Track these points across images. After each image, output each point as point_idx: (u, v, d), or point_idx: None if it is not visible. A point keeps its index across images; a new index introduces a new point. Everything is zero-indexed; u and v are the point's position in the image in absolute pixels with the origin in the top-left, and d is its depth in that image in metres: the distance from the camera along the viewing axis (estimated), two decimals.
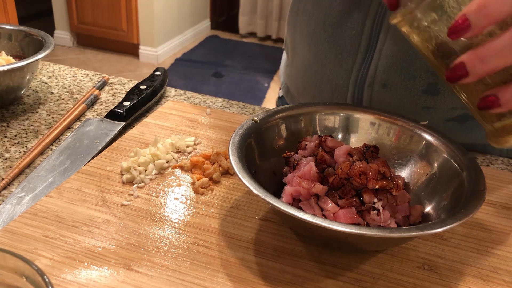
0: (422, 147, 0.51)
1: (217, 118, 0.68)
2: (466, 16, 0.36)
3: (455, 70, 0.38)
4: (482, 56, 0.37)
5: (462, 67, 0.38)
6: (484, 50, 0.36)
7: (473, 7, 0.36)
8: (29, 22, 3.82)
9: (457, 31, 0.37)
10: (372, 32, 0.61)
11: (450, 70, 0.39)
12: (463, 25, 0.36)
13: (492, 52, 0.36)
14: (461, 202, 0.42)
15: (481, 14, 0.35)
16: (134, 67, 3.46)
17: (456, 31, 0.37)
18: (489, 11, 0.35)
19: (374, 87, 0.64)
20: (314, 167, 0.45)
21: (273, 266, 0.42)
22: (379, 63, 0.62)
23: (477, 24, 0.36)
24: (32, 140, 0.62)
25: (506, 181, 0.57)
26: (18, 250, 0.42)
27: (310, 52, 0.68)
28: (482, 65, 0.37)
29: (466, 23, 0.36)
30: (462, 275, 0.43)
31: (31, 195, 0.50)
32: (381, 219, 0.42)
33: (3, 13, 2.29)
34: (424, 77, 0.61)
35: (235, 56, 3.80)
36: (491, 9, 0.35)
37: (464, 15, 0.36)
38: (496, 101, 0.38)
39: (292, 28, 0.72)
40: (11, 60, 0.69)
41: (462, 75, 0.38)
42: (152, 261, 0.42)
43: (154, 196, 0.51)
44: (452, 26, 0.37)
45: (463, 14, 0.36)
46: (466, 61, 0.38)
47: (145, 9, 3.37)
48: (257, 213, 0.49)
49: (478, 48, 0.37)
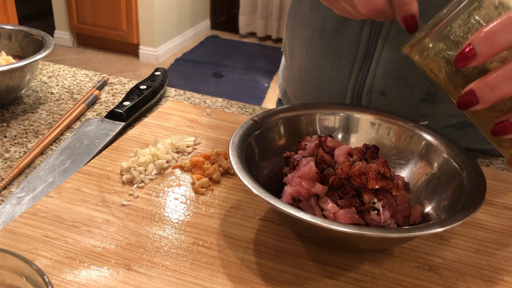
0: (422, 147, 0.51)
1: (217, 118, 0.68)
2: (471, 45, 0.36)
3: (466, 97, 0.38)
4: (491, 83, 0.37)
5: (473, 95, 0.38)
6: (494, 78, 0.37)
7: (479, 36, 0.36)
8: (29, 22, 3.82)
9: (463, 60, 0.37)
10: (370, 40, 0.61)
11: (461, 98, 0.39)
12: (469, 54, 0.36)
13: (501, 79, 0.36)
14: (461, 202, 0.42)
15: (486, 43, 0.36)
16: (134, 67, 3.46)
17: (462, 60, 0.37)
18: (494, 40, 0.35)
19: (372, 95, 0.63)
20: (314, 167, 0.45)
21: (273, 266, 0.42)
22: (377, 71, 0.62)
23: (483, 53, 0.36)
24: (32, 140, 0.62)
25: (506, 181, 0.57)
26: (18, 250, 0.42)
27: (308, 57, 0.68)
28: (492, 92, 0.37)
29: (471, 52, 0.36)
30: (462, 275, 0.43)
31: (31, 195, 0.50)
32: (381, 219, 0.42)
33: (3, 13, 2.29)
34: (422, 86, 0.61)
35: (235, 56, 3.80)
36: (496, 39, 0.35)
37: (469, 44, 0.36)
38: (509, 127, 0.38)
39: (290, 32, 0.72)
40: (11, 60, 0.69)
41: (472, 103, 0.38)
42: (152, 261, 0.42)
43: (154, 196, 0.51)
44: (458, 55, 0.37)
45: (468, 43, 0.36)
46: (475, 89, 0.38)
47: (145, 9, 3.37)
48: (257, 213, 0.49)
49: (488, 75, 0.37)
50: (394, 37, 0.59)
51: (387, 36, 0.60)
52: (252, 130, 0.49)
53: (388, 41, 0.60)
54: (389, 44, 0.60)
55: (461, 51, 0.37)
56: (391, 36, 0.59)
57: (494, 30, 0.35)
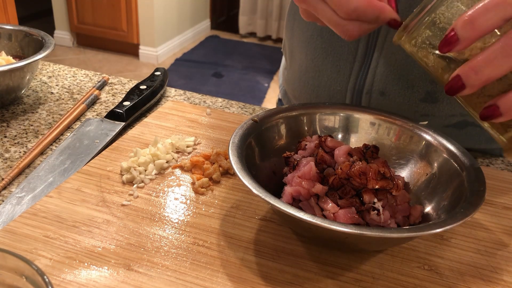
0: (422, 147, 0.51)
1: (217, 118, 0.68)
2: (454, 30, 0.37)
3: (452, 83, 0.39)
4: (475, 67, 0.37)
5: (459, 80, 0.38)
6: (477, 62, 0.37)
7: (461, 21, 0.36)
8: (29, 22, 3.82)
9: (446, 45, 0.38)
10: (369, 40, 0.61)
11: (448, 83, 0.39)
12: (452, 39, 0.37)
13: (484, 63, 0.37)
14: (461, 202, 0.42)
15: (468, 28, 0.36)
16: (134, 67, 3.46)
17: (446, 45, 0.38)
18: (475, 25, 0.36)
19: (372, 95, 0.64)
20: (314, 167, 0.45)
21: (273, 266, 0.42)
22: (377, 71, 0.62)
23: (465, 37, 0.37)
24: (32, 140, 0.62)
25: (506, 181, 0.57)
26: (18, 250, 0.42)
27: (307, 58, 0.68)
28: (476, 76, 0.37)
29: (454, 37, 0.37)
30: (462, 275, 0.43)
31: (31, 195, 0.50)
32: (381, 219, 0.42)
33: (3, 13, 2.29)
34: (422, 85, 0.61)
35: (235, 56, 3.80)
36: (477, 23, 0.36)
37: (452, 29, 0.37)
38: (497, 110, 0.38)
39: (289, 32, 0.72)
40: (11, 60, 0.69)
41: (460, 88, 0.39)
42: (152, 261, 0.42)
43: (154, 196, 0.51)
44: (442, 40, 0.38)
45: (451, 29, 0.37)
46: (461, 74, 0.38)
47: (145, 9, 3.37)
48: (257, 213, 0.49)
49: (471, 60, 0.37)
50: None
51: (386, 36, 0.60)
52: (252, 130, 0.49)
53: (387, 41, 0.60)
54: (388, 44, 0.60)
55: (444, 36, 0.38)
56: (390, 36, 0.59)
57: (476, 14, 0.36)
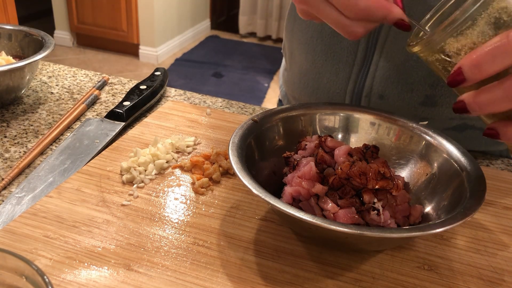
0: (422, 147, 0.51)
1: (217, 118, 0.68)
2: (461, 69, 0.38)
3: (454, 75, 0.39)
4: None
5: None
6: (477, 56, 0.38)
7: (468, 62, 0.37)
8: (29, 22, 3.82)
9: (455, 83, 0.38)
10: (369, 43, 0.61)
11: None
12: (459, 78, 0.38)
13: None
14: (461, 202, 0.42)
15: (474, 71, 0.37)
16: (134, 67, 3.46)
17: (454, 83, 0.39)
18: (482, 69, 0.37)
19: (371, 98, 0.64)
20: (314, 167, 0.45)
21: (273, 266, 0.42)
22: (376, 74, 0.62)
23: (471, 78, 0.37)
24: (32, 140, 0.62)
25: (506, 181, 0.57)
26: (18, 250, 0.42)
27: (307, 60, 0.68)
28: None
29: (461, 76, 0.38)
30: (462, 275, 0.43)
31: (31, 195, 0.50)
32: (381, 219, 0.42)
33: (3, 13, 2.29)
34: (421, 89, 0.61)
35: (235, 56, 3.80)
36: (484, 68, 0.36)
37: (459, 68, 0.38)
38: (497, 135, 0.40)
39: (289, 34, 0.72)
40: (11, 60, 0.69)
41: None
42: (152, 261, 0.42)
43: (154, 196, 0.51)
44: (449, 77, 0.39)
45: (458, 67, 0.38)
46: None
47: (145, 9, 3.37)
48: (257, 213, 0.49)
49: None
50: (393, 40, 0.59)
51: (385, 40, 0.60)
52: (252, 130, 0.49)
53: (386, 44, 0.60)
54: (387, 47, 0.60)
55: (452, 73, 0.38)
56: (390, 40, 0.59)
57: (482, 60, 0.36)
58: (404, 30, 0.43)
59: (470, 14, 0.37)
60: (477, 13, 0.37)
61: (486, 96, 0.37)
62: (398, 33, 0.59)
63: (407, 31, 0.43)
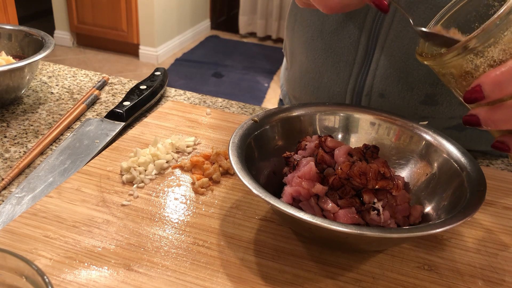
0: (422, 147, 0.51)
1: (217, 118, 0.68)
2: (480, 86, 0.37)
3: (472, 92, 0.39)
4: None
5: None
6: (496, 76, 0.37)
7: (489, 80, 0.36)
8: (29, 22, 3.82)
9: (472, 100, 0.38)
10: (369, 42, 0.61)
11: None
12: (477, 95, 0.37)
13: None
14: (461, 202, 0.42)
15: (495, 89, 0.36)
16: (134, 67, 3.46)
17: (472, 100, 0.38)
18: (502, 87, 0.36)
19: (372, 97, 0.64)
20: (314, 167, 0.45)
21: (273, 266, 0.42)
22: (377, 73, 0.62)
23: (490, 96, 0.37)
24: (32, 140, 0.62)
25: (506, 181, 0.57)
26: (18, 250, 0.42)
27: (308, 59, 0.68)
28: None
29: (480, 94, 0.37)
30: (462, 275, 0.43)
31: (31, 195, 0.50)
32: (381, 219, 0.42)
33: (3, 13, 2.29)
34: (422, 88, 0.61)
35: (235, 56, 3.80)
36: (505, 86, 0.36)
37: (478, 85, 0.37)
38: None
39: (290, 33, 0.72)
40: (11, 60, 0.69)
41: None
42: (152, 261, 0.42)
43: (154, 196, 0.51)
44: (466, 94, 0.38)
45: (477, 84, 0.37)
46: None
47: (145, 9, 3.37)
48: (257, 213, 0.49)
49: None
50: (393, 39, 0.59)
51: (385, 39, 0.60)
52: (252, 130, 0.49)
53: (387, 43, 0.60)
54: (388, 46, 0.60)
55: (469, 90, 0.38)
56: (390, 39, 0.59)
57: (505, 78, 0.36)
58: (382, 11, 0.42)
59: (493, 32, 0.36)
60: (500, 31, 0.36)
61: (503, 114, 0.37)
62: (398, 31, 0.59)
63: (385, 13, 0.42)
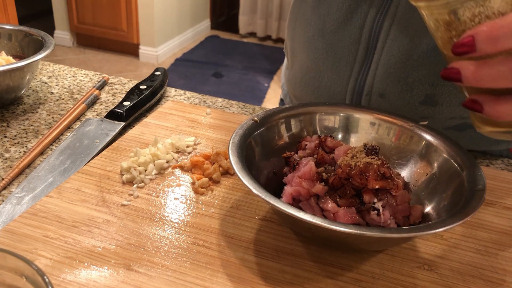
0: (422, 147, 0.51)
1: (217, 118, 0.68)
2: (473, 39, 0.34)
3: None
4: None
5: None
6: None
7: (484, 33, 0.34)
8: (29, 22, 3.82)
9: (460, 52, 0.35)
10: (370, 42, 0.61)
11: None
12: (468, 47, 0.35)
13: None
14: (461, 202, 0.42)
15: (489, 43, 0.34)
16: (134, 67, 3.46)
17: (460, 52, 0.35)
18: (497, 43, 0.34)
19: (372, 97, 0.64)
20: (314, 167, 0.45)
21: (273, 266, 0.42)
22: (377, 73, 0.62)
23: (483, 49, 0.34)
24: (32, 140, 0.62)
25: (506, 181, 0.57)
26: (18, 250, 0.42)
27: (308, 58, 0.68)
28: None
29: (471, 47, 0.35)
30: (462, 275, 0.43)
31: (31, 195, 0.50)
32: (381, 219, 0.42)
33: (3, 13, 2.29)
34: (422, 88, 0.61)
35: (235, 56, 3.80)
36: (500, 42, 0.34)
37: (471, 36, 0.34)
38: (480, 109, 0.38)
39: (291, 32, 0.72)
40: (11, 60, 0.69)
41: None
42: (152, 261, 0.42)
43: (154, 196, 0.51)
44: (456, 45, 0.36)
45: (470, 36, 0.35)
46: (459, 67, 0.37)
47: (145, 9, 3.37)
48: (257, 213, 0.49)
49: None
50: (393, 39, 0.59)
51: (386, 39, 0.60)
52: (252, 130, 0.49)
53: (387, 43, 0.60)
54: (388, 46, 0.60)
55: (460, 41, 0.35)
56: (390, 39, 0.59)
57: (503, 32, 0.33)
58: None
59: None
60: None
61: (489, 71, 0.35)
62: (399, 32, 0.59)
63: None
